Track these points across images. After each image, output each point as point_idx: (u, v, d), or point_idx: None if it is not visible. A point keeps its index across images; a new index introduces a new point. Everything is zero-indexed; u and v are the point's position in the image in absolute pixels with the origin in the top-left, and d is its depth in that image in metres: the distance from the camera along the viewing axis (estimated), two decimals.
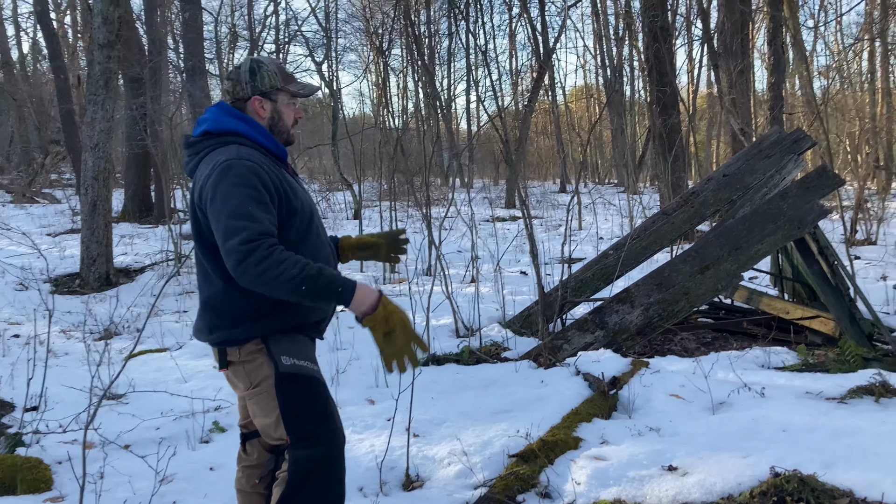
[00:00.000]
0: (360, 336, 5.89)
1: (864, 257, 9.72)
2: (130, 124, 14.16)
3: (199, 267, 2.32)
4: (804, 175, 5.46)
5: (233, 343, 2.28)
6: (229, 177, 2.14)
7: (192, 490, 3.28)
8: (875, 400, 3.82)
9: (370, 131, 15.51)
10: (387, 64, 18.26)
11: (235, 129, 2.31)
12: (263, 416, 2.29)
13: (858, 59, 21.12)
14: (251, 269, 2.03)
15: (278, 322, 2.28)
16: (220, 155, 2.22)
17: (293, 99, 2.44)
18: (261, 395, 2.28)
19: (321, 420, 2.28)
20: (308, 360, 2.33)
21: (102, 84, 8.07)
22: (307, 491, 2.23)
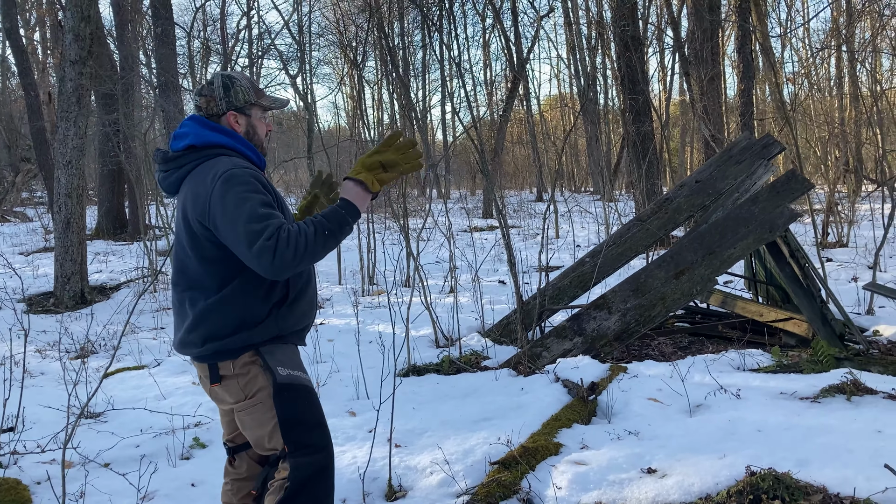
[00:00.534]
0: (340, 349, 5.90)
1: (836, 259, 9.90)
2: (103, 141, 14.05)
3: (187, 281, 2.33)
4: (774, 180, 5.57)
5: (227, 355, 2.30)
6: (235, 185, 2.19)
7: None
8: (847, 398, 3.90)
9: (346, 143, 15.52)
10: (361, 76, 18.30)
11: (221, 143, 2.36)
12: (257, 427, 2.32)
13: (826, 65, 21.54)
14: (286, 253, 2.10)
15: (273, 329, 2.32)
16: (214, 167, 2.26)
17: (265, 113, 2.50)
18: (256, 407, 2.30)
19: (318, 429, 2.35)
20: (301, 370, 2.38)
21: (74, 101, 8.02)
22: (305, 497, 2.26)
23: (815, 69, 17.80)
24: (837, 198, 13.02)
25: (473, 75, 31.33)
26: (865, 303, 6.79)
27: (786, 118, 9.20)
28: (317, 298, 2.55)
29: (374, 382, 4.78)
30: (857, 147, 17.04)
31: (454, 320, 6.36)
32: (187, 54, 18.09)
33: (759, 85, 21.52)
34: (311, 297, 2.48)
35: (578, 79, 27.53)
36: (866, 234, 12.03)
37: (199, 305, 2.30)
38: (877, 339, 5.75)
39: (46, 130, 16.94)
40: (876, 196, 14.58)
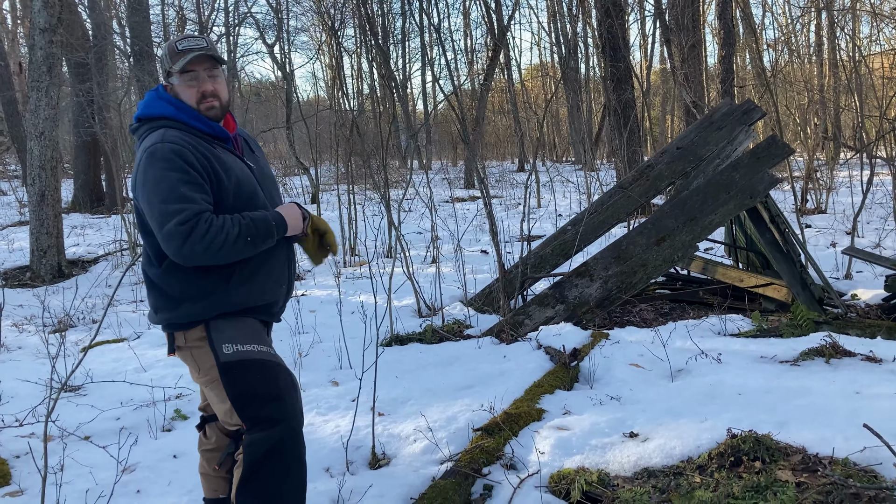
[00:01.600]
0: (322, 319, 5.87)
1: (815, 225, 9.98)
2: (77, 111, 13.78)
3: (143, 252, 2.34)
4: (755, 145, 5.57)
5: (176, 327, 2.30)
6: (155, 162, 2.16)
7: (156, 478, 3.24)
8: (826, 361, 3.94)
9: (325, 114, 15.33)
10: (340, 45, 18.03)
11: (163, 113, 2.30)
12: (220, 403, 2.30)
13: (806, 31, 21.54)
14: (197, 245, 2.09)
15: (220, 305, 2.27)
16: (147, 141, 2.24)
17: (186, 76, 2.29)
18: (213, 383, 2.29)
19: (272, 403, 2.27)
20: (255, 342, 2.30)
21: (45, 70, 7.83)
22: (265, 474, 2.24)
23: (795, 35, 17.79)
24: (816, 165, 13.10)
25: (454, 43, 31.03)
26: (844, 268, 6.86)
27: (766, 85, 9.20)
28: (288, 273, 2.47)
29: (357, 352, 4.76)
30: (836, 114, 17.12)
31: (437, 290, 6.35)
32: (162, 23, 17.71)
33: (740, 52, 21.49)
34: (277, 273, 2.40)
35: (560, 47, 27.35)
36: (844, 200, 12.13)
37: (148, 276, 2.32)
38: (855, 302, 5.82)
39: (18, 102, 16.59)
40: (854, 163, 14.68)
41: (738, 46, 18.12)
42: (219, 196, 2.24)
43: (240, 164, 2.36)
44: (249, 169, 2.39)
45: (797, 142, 15.37)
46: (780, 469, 2.66)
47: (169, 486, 3.17)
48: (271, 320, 2.49)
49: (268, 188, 2.46)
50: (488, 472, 3.07)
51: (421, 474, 3.13)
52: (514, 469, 3.10)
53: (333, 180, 17.08)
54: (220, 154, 2.30)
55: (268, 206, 2.39)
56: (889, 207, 10.00)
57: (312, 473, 3.18)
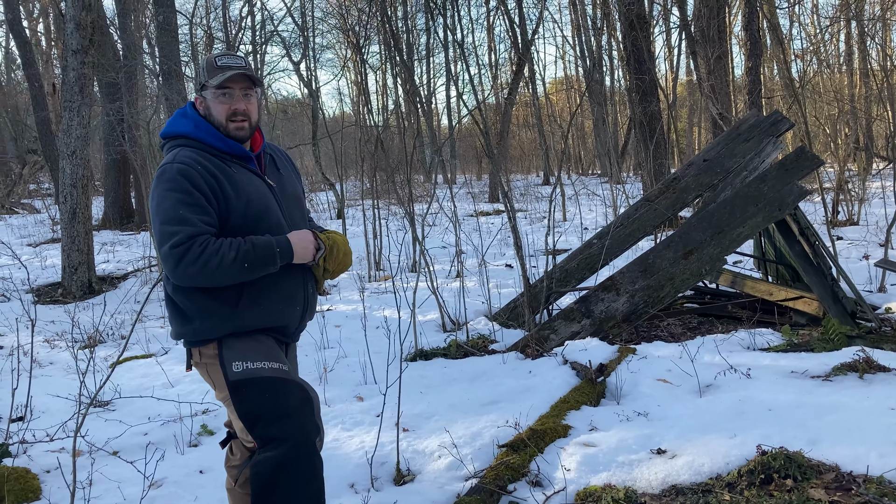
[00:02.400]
0: (347, 334, 5.88)
1: (847, 237, 9.80)
2: (108, 130, 14.04)
3: None
4: (783, 157, 5.50)
5: (192, 343, 2.33)
6: (161, 182, 2.21)
7: (182, 493, 3.25)
8: (859, 376, 3.86)
9: (350, 130, 15.45)
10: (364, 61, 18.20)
11: (181, 132, 2.34)
12: (236, 420, 2.31)
13: (835, 40, 21.29)
14: (189, 268, 2.12)
15: (229, 324, 2.27)
16: (163, 160, 2.30)
17: (220, 91, 2.29)
18: (226, 401, 2.30)
19: (281, 421, 2.22)
20: (266, 359, 2.28)
21: (77, 90, 7.99)
22: (277, 493, 2.19)
23: (823, 45, 17.59)
24: (847, 176, 12.89)
25: (478, 58, 31.15)
26: (877, 280, 6.72)
27: (794, 95, 9.09)
28: (304, 294, 2.44)
29: (382, 367, 4.76)
30: (868, 124, 16.86)
31: (461, 304, 6.34)
32: (190, 42, 18.03)
33: (767, 63, 21.30)
34: (291, 294, 2.37)
35: (584, 60, 27.32)
36: (877, 211, 11.91)
37: (166, 292, 2.37)
38: (889, 316, 5.69)
39: (52, 122, 16.96)
40: (887, 173, 14.43)
41: (765, 57, 17.96)
42: (226, 215, 2.25)
43: (257, 182, 2.35)
44: (269, 187, 2.38)
45: (827, 153, 15.15)
46: (812, 487, 2.60)
47: (195, 501, 3.18)
48: (287, 341, 2.48)
49: (288, 206, 2.43)
50: (513, 489, 3.04)
51: (445, 491, 3.11)
52: (540, 486, 3.07)
53: (359, 195, 17.18)
54: (234, 173, 2.30)
55: (282, 223, 2.36)
56: None
57: (337, 489, 3.19)
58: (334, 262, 2.42)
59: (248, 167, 2.36)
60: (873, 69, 14.86)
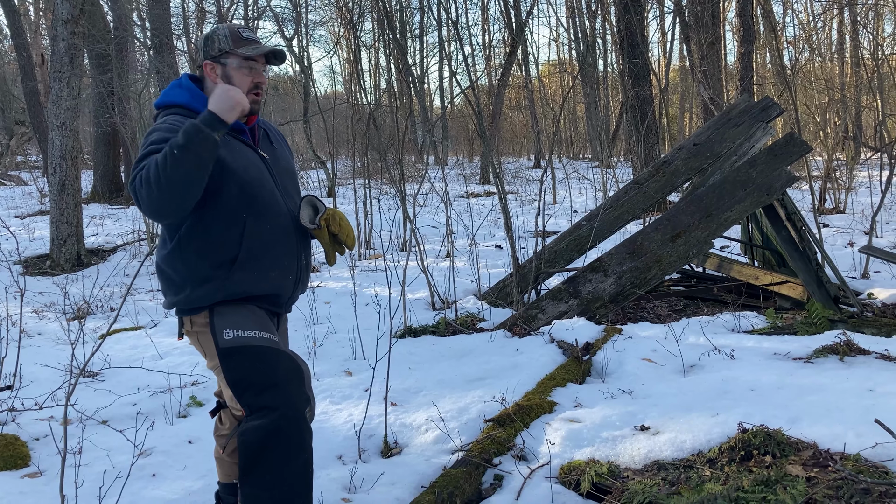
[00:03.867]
0: (336, 311, 5.92)
1: (833, 225, 9.90)
2: (98, 102, 13.91)
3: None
4: (773, 142, 5.54)
5: (184, 311, 2.34)
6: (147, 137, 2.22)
7: (171, 463, 3.29)
8: (839, 358, 3.93)
9: (342, 108, 15.37)
10: (357, 38, 18.07)
11: (177, 101, 2.34)
12: (224, 388, 2.35)
13: (827, 29, 21.32)
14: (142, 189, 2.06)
15: (221, 291, 2.28)
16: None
17: (246, 62, 2.33)
18: (217, 369, 2.32)
19: (270, 391, 2.23)
20: (257, 328, 2.29)
21: (67, 61, 7.92)
22: (265, 461, 2.20)
23: (816, 33, 17.60)
24: (836, 164, 12.98)
25: (472, 38, 31.00)
26: (861, 267, 6.81)
27: (786, 83, 9.12)
28: (298, 264, 2.44)
29: (371, 343, 4.80)
30: (857, 113, 16.94)
31: (451, 283, 6.37)
32: (182, 15, 17.84)
33: (760, 50, 21.31)
34: (284, 263, 2.38)
35: (577, 43, 27.22)
36: (863, 200, 12.02)
37: (158, 258, 2.36)
38: (871, 301, 5.78)
39: (40, 93, 16.78)
40: (874, 162, 14.53)
41: (757, 44, 17.97)
42: (220, 182, 2.21)
43: (250, 154, 2.37)
44: (262, 159, 2.40)
45: (816, 141, 15.22)
46: (790, 464, 2.67)
47: (184, 471, 3.21)
48: (279, 311, 2.49)
49: (282, 179, 2.45)
50: (499, 462, 3.09)
51: (432, 463, 3.16)
52: (525, 460, 3.12)
53: (350, 174, 17.14)
54: (229, 141, 2.31)
55: (276, 195, 2.38)
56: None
57: (325, 461, 3.24)
58: (337, 224, 2.42)
59: (241, 139, 2.38)
60: (864, 59, 14.91)
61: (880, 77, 11.99)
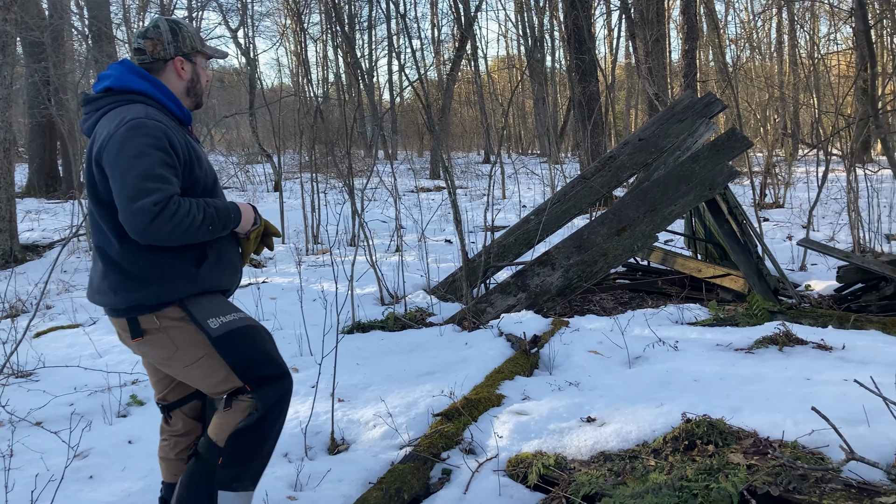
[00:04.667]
0: (283, 307, 5.82)
1: (773, 219, 10.18)
2: (32, 93, 13.41)
3: (96, 226, 2.23)
4: (715, 138, 5.65)
5: (146, 309, 2.20)
6: (140, 136, 2.09)
7: (110, 464, 3.19)
8: (779, 349, 4.03)
9: (289, 101, 15.14)
10: (305, 31, 17.82)
11: (139, 89, 2.25)
12: (208, 377, 2.30)
13: (767, 28, 21.90)
14: (164, 225, 2.04)
15: (192, 286, 2.24)
16: (126, 112, 2.16)
17: (207, 62, 2.48)
18: (199, 361, 2.27)
19: (270, 362, 2.35)
20: (232, 311, 2.32)
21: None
22: (272, 417, 2.33)
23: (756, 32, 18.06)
24: (775, 160, 13.35)
25: (421, 32, 30.92)
26: (799, 260, 7.01)
27: (728, 80, 9.33)
28: (240, 262, 2.48)
29: (318, 339, 4.73)
30: (795, 110, 17.45)
31: (400, 278, 6.34)
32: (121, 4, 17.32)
33: (703, 48, 21.77)
34: (235, 261, 2.42)
35: (526, 39, 27.39)
36: (801, 195, 12.39)
37: (110, 256, 2.20)
38: (808, 293, 5.95)
39: None
40: (811, 158, 15.00)
41: (701, 42, 18.35)
42: (190, 182, 2.22)
43: (204, 151, 2.39)
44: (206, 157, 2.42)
45: (757, 137, 15.63)
46: (732, 452, 2.72)
47: (123, 472, 3.12)
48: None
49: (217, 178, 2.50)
50: (447, 456, 3.08)
51: (380, 459, 3.13)
52: (473, 453, 3.12)
53: (297, 168, 16.91)
54: (191, 140, 2.30)
55: (222, 194, 2.43)
56: (843, 202, 10.24)
57: (271, 459, 3.17)
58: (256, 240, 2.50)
59: (191, 136, 2.37)
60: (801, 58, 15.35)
61: (817, 76, 12.36)
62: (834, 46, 17.75)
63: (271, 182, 16.26)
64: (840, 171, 13.24)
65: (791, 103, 16.81)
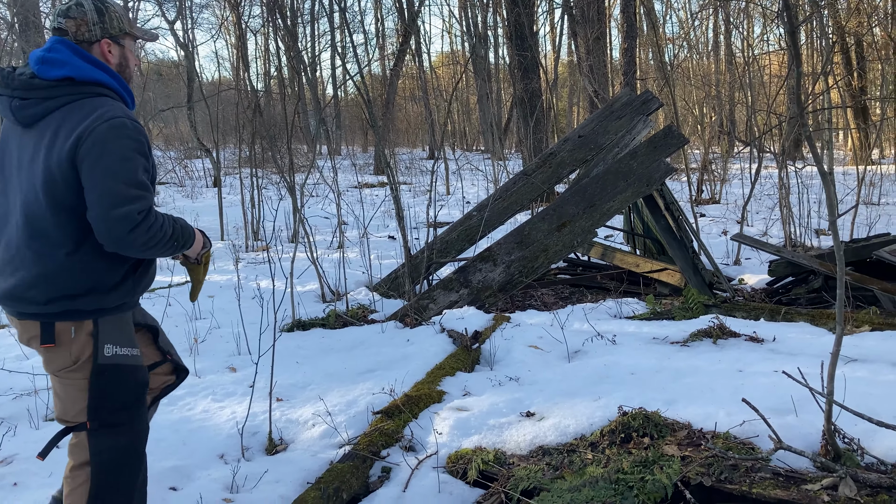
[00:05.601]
0: (220, 305, 5.70)
1: (709, 215, 10.45)
2: None
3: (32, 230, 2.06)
4: (653, 135, 5.76)
5: (71, 316, 2.09)
6: (124, 138, 2.01)
7: (35, 470, 3.06)
8: (713, 342, 4.13)
9: (229, 94, 14.85)
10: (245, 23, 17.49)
11: (102, 81, 2.12)
12: (66, 398, 2.17)
13: (704, 28, 22.46)
14: (140, 236, 2.01)
15: (125, 294, 2.18)
16: (99, 107, 2.04)
17: (135, 44, 2.32)
18: (75, 377, 2.14)
19: (130, 410, 2.22)
20: (131, 345, 2.23)
21: None
22: (115, 478, 2.19)
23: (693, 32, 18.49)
24: (711, 157, 13.70)
25: (364, 27, 30.70)
26: (733, 254, 7.20)
27: (665, 78, 9.53)
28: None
29: (256, 338, 4.64)
30: (731, 108, 17.94)
31: (341, 275, 6.27)
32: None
33: (643, 46, 22.18)
34: (153, 277, 2.37)
35: (470, 35, 27.46)
36: (736, 191, 12.75)
37: (51, 260, 2.06)
38: (742, 286, 6.12)
39: None
40: (745, 155, 15.44)
41: (640, 40, 18.69)
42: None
43: None
44: None
45: (694, 135, 16.02)
46: (667, 444, 2.77)
47: (50, 478, 2.99)
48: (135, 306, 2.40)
49: None
50: (387, 454, 3.06)
51: (319, 458, 3.09)
52: (413, 451, 3.10)
53: (237, 163, 16.62)
54: None
55: None
56: (776, 198, 10.57)
57: (206, 460, 3.10)
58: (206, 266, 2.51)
59: None
60: (736, 57, 15.79)
61: (750, 75, 12.71)
62: (767, 47, 18.32)
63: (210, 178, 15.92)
64: (773, 168, 13.69)
65: (727, 102, 17.28)
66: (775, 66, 17.79)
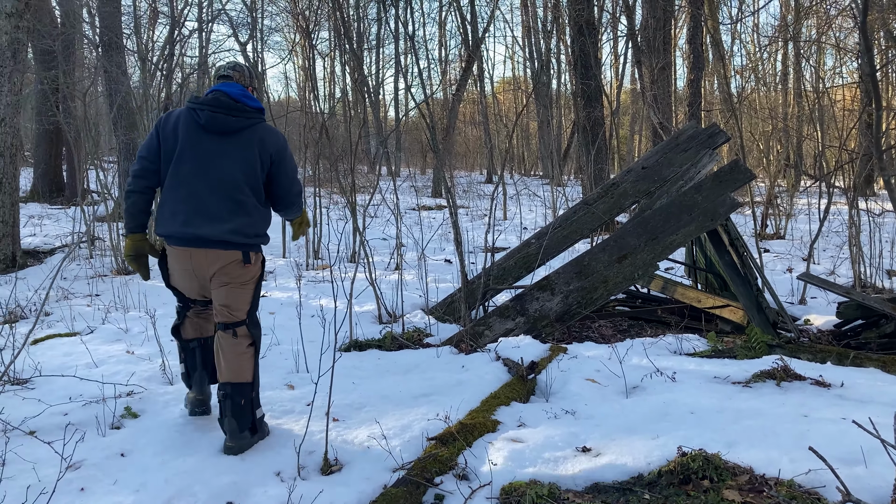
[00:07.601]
0: (281, 322, 5.82)
1: (773, 250, 10.18)
2: (41, 99, 13.49)
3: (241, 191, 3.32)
4: (718, 169, 5.68)
5: (257, 249, 3.48)
6: (289, 149, 3.54)
7: (101, 476, 3.16)
8: (776, 384, 4.02)
9: (295, 115, 15.21)
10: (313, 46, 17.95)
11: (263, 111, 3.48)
12: (238, 301, 3.40)
13: (773, 60, 22.05)
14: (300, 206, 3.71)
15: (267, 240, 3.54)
16: (275, 129, 3.47)
17: None
18: (248, 287, 3.44)
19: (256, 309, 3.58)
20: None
21: (10, 55, 7.65)
22: (259, 347, 3.55)
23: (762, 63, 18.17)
24: (777, 191, 13.38)
25: (428, 52, 31.11)
26: (799, 293, 7.00)
27: (732, 110, 9.38)
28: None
29: (315, 356, 4.72)
30: (799, 142, 17.53)
31: (398, 297, 6.33)
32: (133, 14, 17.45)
33: (708, 77, 21.90)
34: None
35: (532, 62, 27.57)
36: (802, 227, 12.41)
37: (252, 210, 3.35)
38: (807, 327, 5.95)
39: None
40: (813, 191, 15.03)
41: (706, 71, 18.46)
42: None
43: None
44: None
45: (760, 168, 15.68)
46: (727, 488, 2.70)
47: (114, 485, 3.09)
48: None
49: None
50: (440, 481, 3.06)
51: (373, 481, 3.11)
52: (467, 479, 3.10)
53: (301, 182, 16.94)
54: None
55: None
56: (844, 236, 10.26)
57: (263, 477, 3.16)
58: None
59: None
60: (806, 90, 15.45)
61: (821, 109, 12.42)
62: (839, 80, 17.87)
63: None
64: (842, 205, 13.29)
65: (795, 135, 16.89)
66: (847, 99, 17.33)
